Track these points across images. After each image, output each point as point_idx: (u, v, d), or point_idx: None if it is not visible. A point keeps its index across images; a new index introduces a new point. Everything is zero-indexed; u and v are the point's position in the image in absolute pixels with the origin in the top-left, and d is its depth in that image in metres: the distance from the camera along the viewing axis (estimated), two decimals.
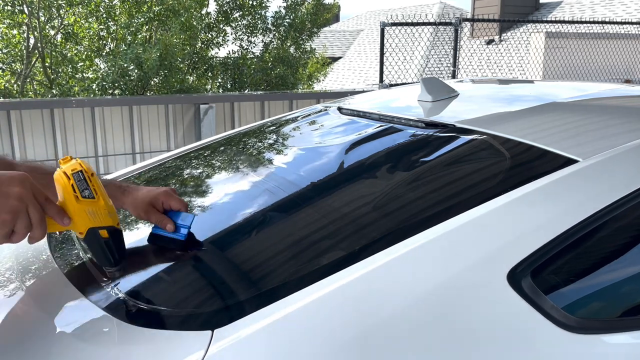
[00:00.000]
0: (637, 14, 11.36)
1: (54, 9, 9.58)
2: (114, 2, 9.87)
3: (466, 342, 0.91)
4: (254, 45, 10.97)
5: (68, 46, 10.07)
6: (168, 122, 6.34)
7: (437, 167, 1.26)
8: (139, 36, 9.83)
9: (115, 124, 6.09)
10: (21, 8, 9.58)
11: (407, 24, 6.87)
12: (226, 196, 1.47)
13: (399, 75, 6.96)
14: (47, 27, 9.95)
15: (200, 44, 10.53)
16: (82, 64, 10.05)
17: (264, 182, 1.42)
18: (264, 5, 10.75)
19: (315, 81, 12.80)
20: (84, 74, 9.95)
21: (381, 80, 6.91)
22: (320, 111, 1.89)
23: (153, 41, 9.65)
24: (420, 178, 1.23)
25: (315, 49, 11.95)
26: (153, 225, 1.17)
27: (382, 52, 6.73)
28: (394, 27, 6.78)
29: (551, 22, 8.28)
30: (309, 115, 1.92)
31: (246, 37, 10.86)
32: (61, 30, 9.99)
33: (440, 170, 1.25)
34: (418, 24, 6.98)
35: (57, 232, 1.29)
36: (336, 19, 18.02)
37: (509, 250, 0.94)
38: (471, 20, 8.80)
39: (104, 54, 9.90)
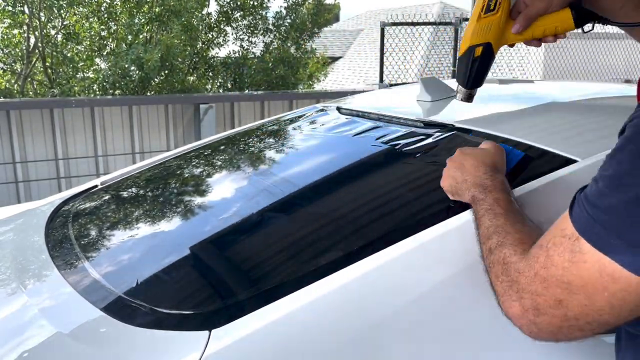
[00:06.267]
0: None
1: (55, 9, 9.57)
2: (115, 2, 9.86)
3: (464, 341, 0.91)
4: (254, 45, 10.95)
5: (69, 46, 10.05)
6: (168, 122, 6.33)
7: (436, 167, 1.25)
8: (140, 37, 9.82)
9: (115, 123, 6.08)
10: (22, 8, 9.58)
11: (407, 23, 6.86)
12: (225, 196, 1.46)
13: (399, 75, 6.95)
14: (48, 26, 9.94)
15: (200, 44, 10.52)
16: (82, 63, 10.05)
17: (262, 182, 1.42)
18: (264, 5, 10.74)
19: (315, 81, 12.78)
20: (84, 74, 9.95)
21: (381, 80, 6.91)
22: (320, 111, 1.89)
23: (154, 41, 9.64)
24: (419, 178, 1.23)
25: (315, 48, 11.92)
26: None
27: (382, 52, 6.73)
28: (394, 27, 6.78)
29: None
30: (309, 115, 1.91)
31: (247, 37, 10.85)
32: (62, 30, 9.98)
33: (439, 171, 1.24)
34: (418, 23, 6.97)
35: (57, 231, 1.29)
36: (336, 18, 17.99)
37: None
38: None
39: (104, 53, 9.90)
